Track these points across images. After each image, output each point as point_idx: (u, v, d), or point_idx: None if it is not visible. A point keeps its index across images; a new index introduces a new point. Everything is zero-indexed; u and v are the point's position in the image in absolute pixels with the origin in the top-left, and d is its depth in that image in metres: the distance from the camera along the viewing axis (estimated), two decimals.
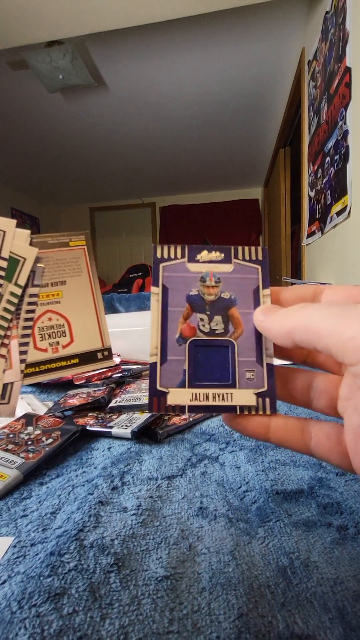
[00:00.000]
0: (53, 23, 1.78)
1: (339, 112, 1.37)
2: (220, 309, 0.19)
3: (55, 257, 0.26)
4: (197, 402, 0.18)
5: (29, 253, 0.21)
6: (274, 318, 0.17)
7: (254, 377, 0.18)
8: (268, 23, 1.93)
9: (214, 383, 0.18)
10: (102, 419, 0.41)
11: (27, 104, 2.63)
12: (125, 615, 0.17)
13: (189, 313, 0.19)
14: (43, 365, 0.25)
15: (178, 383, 0.18)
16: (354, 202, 1.27)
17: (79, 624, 0.17)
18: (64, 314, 0.26)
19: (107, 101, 2.64)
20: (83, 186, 4.37)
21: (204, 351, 0.19)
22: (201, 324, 0.19)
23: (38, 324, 0.25)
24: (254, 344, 0.19)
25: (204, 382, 0.18)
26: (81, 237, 0.27)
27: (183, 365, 0.18)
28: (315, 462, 0.31)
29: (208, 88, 2.50)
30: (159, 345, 0.18)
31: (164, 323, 0.19)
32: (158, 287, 0.19)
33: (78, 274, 0.26)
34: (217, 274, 0.19)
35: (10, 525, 0.25)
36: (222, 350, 0.19)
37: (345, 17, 1.30)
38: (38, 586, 0.18)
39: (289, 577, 0.20)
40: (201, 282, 0.19)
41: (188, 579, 0.19)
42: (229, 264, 0.20)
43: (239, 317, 0.19)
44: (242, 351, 0.19)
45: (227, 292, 0.19)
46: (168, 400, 0.18)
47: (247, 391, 0.18)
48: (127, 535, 0.23)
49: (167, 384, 0.18)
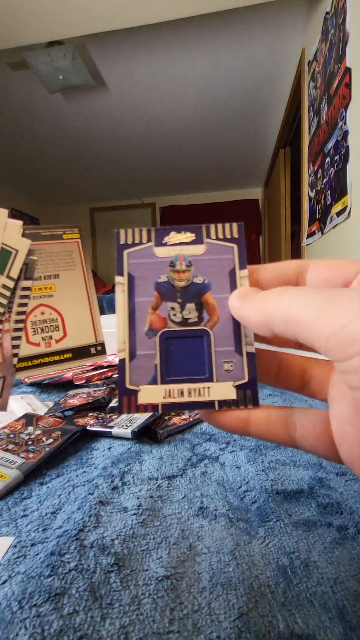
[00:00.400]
0: (53, 23, 1.78)
1: (339, 112, 1.37)
2: (192, 295, 0.17)
3: (49, 250, 0.25)
4: (171, 399, 0.17)
5: (21, 245, 0.20)
6: (249, 305, 0.15)
7: (232, 368, 0.17)
8: (268, 23, 1.93)
9: (189, 377, 0.17)
10: (103, 419, 0.41)
11: (28, 104, 2.63)
12: (126, 615, 0.17)
13: (158, 302, 0.17)
14: (36, 359, 0.25)
15: (149, 380, 0.17)
16: (354, 202, 1.27)
17: (80, 624, 0.17)
18: (57, 308, 0.25)
19: (107, 101, 2.64)
20: (83, 186, 4.36)
21: (177, 343, 0.17)
22: (172, 314, 0.17)
23: (30, 318, 0.24)
24: (232, 332, 0.17)
25: (177, 377, 0.17)
26: (75, 229, 0.27)
27: (154, 359, 0.17)
28: (316, 462, 0.31)
29: (208, 88, 2.50)
30: (127, 339, 0.17)
31: (132, 315, 0.17)
32: (123, 276, 0.17)
33: (72, 268, 0.26)
34: (188, 257, 0.18)
35: (10, 525, 0.25)
36: (196, 341, 0.17)
37: (345, 18, 1.30)
38: (38, 586, 0.18)
39: (289, 576, 0.20)
40: (170, 267, 0.18)
41: (188, 579, 0.20)
42: (201, 245, 0.18)
43: (214, 303, 0.17)
44: (219, 340, 0.17)
45: (200, 276, 0.17)
46: (139, 399, 0.17)
47: (225, 384, 0.17)
48: (127, 535, 0.23)
49: (138, 382, 0.17)
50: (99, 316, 0.27)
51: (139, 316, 0.17)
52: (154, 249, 0.18)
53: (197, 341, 0.17)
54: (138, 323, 0.17)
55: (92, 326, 0.26)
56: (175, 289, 0.17)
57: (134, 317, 0.17)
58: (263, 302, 0.15)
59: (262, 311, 0.14)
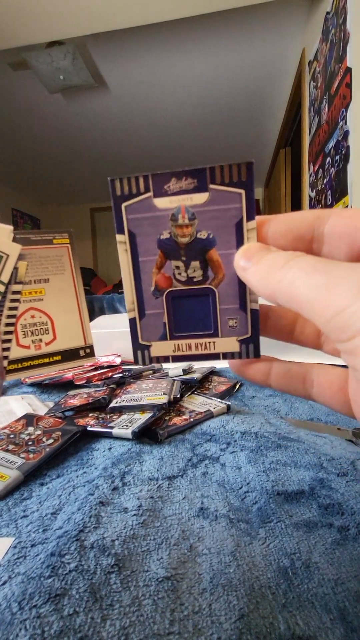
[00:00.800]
0: (54, 23, 1.79)
1: (340, 112, 1.37)
2: (197, 252, 0.17)
3: (39, 255, 0.26)
4: (180, 352, 0.18)
5: (12, 249, 0.21)
6: (256, 271, 0.15)
7: (237, 325, 0.17)
8: (269, 23, 1.93)
9: (196, 333, 0.18)
10: (103, 419, 0.41)
11: (28, 104, 2.64)
12: (126, 616, 0.17)
13: (162, 261, 0.17)
14: (26, 362, 0.25)
15: (159, 336, 0.18)
16: (354, 202, 1.26)
17: (80, 625, 0.17)
18: (47, 312, 0.26)
19: (107, 101, 2.64)
20: (84, 186, 4.37)
21: (183, 302, 0.17)
22: (177, 273, 0.17)
23: (21, 321, 0.25)
24: (237, 290, 0.17)
25: (185, 333, 0.18)
26: (65, 235, 0.27)
27: (162, 318, 0.17)
28: (316, 463, 0.31)
29: (208, 88, 2.50)
30: (135, 300, 0.17)
31: (137, 276, 0.17)
32: (124, 234, 0.17)
33: (61, 272, 0.26)
34: (191, 208, 0.16)
35: (10, 526, 0.25)
36: (202, 300, 0.17)
37: (345, 18, 1.30)
38: (38, 587, 0.18)
39: (290, 577, 0.20)
40: (172, 221, 0.16)
41: (189, 580, 0.19)
42: (204, 193, 0.16)
43: (219, 260, 0.17)
44: (224, 298, 0.17)
45: (205, 230, 0.16)
46: (152, 352, 0.18)
47: (230, 339, 0.17)
48: (127, 536, 0.23)
49: (149, 338, 0.18)
50: (88, 319, 0.27)
51: (145, 276, 0.17)
52: (153, 200, 0.16)
53: (202, 300, 0.17)
54: (144, 283, 0.17)
55: (81, 329, 0.27)
56: (178, 245, 0.17)
57: (139, 278, 0.17)
58: (268, 272, 0.14)
59: (267, 282, 0.14)
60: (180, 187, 0.16)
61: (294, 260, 0.13)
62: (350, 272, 0.12)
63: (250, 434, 0.37)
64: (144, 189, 0.16)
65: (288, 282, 0.13)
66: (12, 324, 0.21)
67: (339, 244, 0.15)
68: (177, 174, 0.16)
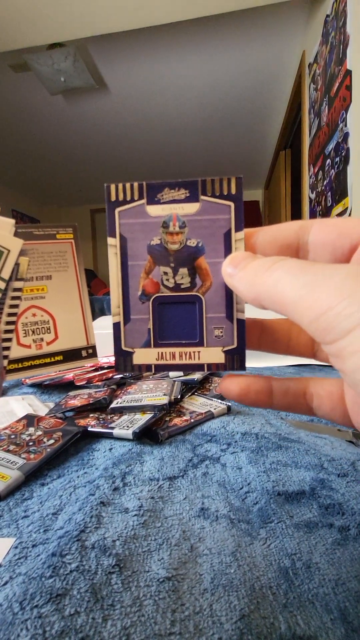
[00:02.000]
0: (55, 25, 1.79)
1: (340, 114, 1.37)
2: (185, 259, 0.17)
3: (41, 250, 0.25)
4: (163, 361, 0.17)
5: (13, 244, 0.20)
6: (243, 276, 0.15)
7: (222, 335, 0.17)
8: (269, 26, 1.93)
9: (181, 342, 0.17)
10: (104, 419, 0.41)
11: (29, 106, 2.64)
12: (127, 616, 0.17)
13: (151, 266, 0.17)
14: (26, 361, 0.24)
15: (143, 343, 0.17)
16: (354, 204, 1.27)
17: (81, 625, 0.17)
18: (49, 310, 0.25)
19: (108, 103, 2.65)
20: (84, 188, 4.37)
21: (169, 309, 0.17)
22: (165, 279, 0.17)
23: (22, 320, 0.24)
24: (224, 298, 0.17)
25: (170, 341, 0.17)
26: (69, 229, 0.26)
27: (147, 324, 0.17)
28: (317, 464, 0.31)
29: (209, 90, 2.51)
30: (121, 304, 0.17)
31: (125, 279, 0.17)
32: (115, 237, 0.17)
33: (64, 269, 0.25)
34: (182, 217, 0.17)
35: (11, 526, 0.25)
36: (188, 307, 0.17)
37: (345, 21, 1.31)
38: (39, 587, 0.18)
39: (291, 578, 0.20)
40: (163, 228, 0.17)
41: (190, 580, 0.19)
42: (195, 203, 0.17)
43: (207, 268, 0.17)
44: (211, 307, 0.17)
45: (194, 238, 0.17)
46: (134, 359, 0.17)
47: (215, 349, 0.17)
48: (128, 536, 0.23)
49: (132, 344, 0.17)
50: (91, 318, 0.27)
51: (132, 280, 0.17)
52: (146, 207, 0.17)
53: (189, 307, 0.17)
54: (131, 288, 0.17)
55: (83, 329, 0.26)
56: (168, 252, 0.17)
57: (127, 282, 0.17)
58: (254, 275, 0.14)
59: (252, 286, 0.14)
60: (173, 197, 0.17)
61: (279, 262, 0.13)
62: (334, 272, 0.12)
63: (251, 434, 0.37)
64: (138, 196, 0.17)
65: (273, 284, 0.13)
66: (13, 322, 0.21)
67: (323, 251, 0.15)
68: (170, 185, 0.17)
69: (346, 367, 0.11)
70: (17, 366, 0.23)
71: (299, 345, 0.18)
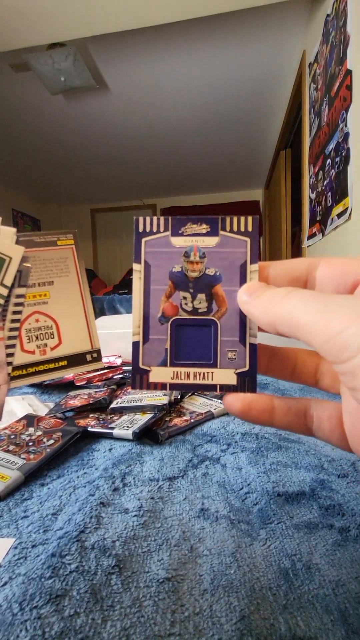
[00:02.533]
0: (55, 25, 1.79)
1: (340, 114, 1.37)
2: (204, 286, 0.19)
3: (42, 257, 0.25)
4: (178, 380, 0.18)
5: (15, 252, 0.20)
6: (258, 303, 0.16)
7: (235, 357, 0.18)
8: (269, 26, 1.93)
9: (196, 362, 0.18)
10: (104, 420, 0.41)
11: (29, 105, 2.64)
12: (127, 617, 0.17)
13: (171, 291, 0.19)
14: (30, 367, 0.25)
15: (160, 362, 0.18)
16: (354, 204, 1.27)
17: (80, 626, 0.17)
18: (52, 315, 0.25)
19: (108, 103, 2.65)
20: (84, 187, 4.37)
21: (186, 330, 0.18)
22: (184, 303, 0.19)
23: (25, 326, 0.24)
24: (238, 324, 0.18)
25: (185, 361, 0.18)
26: (69, 235, 0.27)
27: (165, 344, 0.18)
28: (317, 464, 0.31)
29: (209, 90, 2.51)
30: (142, 324, 0.18)
31: (147, 301, 0.18)
32: (140, 264, 0.19)
33: (66, 274, 0.26)
34: (202, 248, 0.19)
35: (11, 527, 0.25)
36: (204, 330, 0.18)
37: (346, 20, 1.30)
38: (39, 588, 0.18)
39: (291, 579, 0.20)
40: (185, 257, 0.19)
41: (189, 581, 0.19)
42: (215, 237, 0.19)
43: (223, 295, 0.18)
44: (225, 331, 0.18)
45: (212, 268, 0.18)
46: (150, 377, 0.18)
47: (227, 371, 0.18)
48: (128, 537, 0.22)
49: (150, 363, 0.18)
50: (95, 322, 0.27)
51: (153, 303, 0.18)
52: (170, 238, 0.19)
53: (205, 330, 0.18)
54: (152, 309, 0.18)
55: (87, 333, 0.26)
56: (188, 279, 0.19)
57: (148, 304, 0.18)
58: (269, 303, 0.15)
59: (268, 312, 0.15)
60: (195, 231, 0.19)
61: (294, 292, 0.15)
62: (345, 300, 0.13)
63: (251, 435, 0.37)
64: (164, 228, 0.19)
65: (289, 310, 0.14)
66: (17, 328, 0.21)
67: (328, 286, 0.17)
68: (193, 220, 0.19)
69: (357, 384, 0.12)
70: (21, 372, 0.23)
71: (303, 373, 0.19)
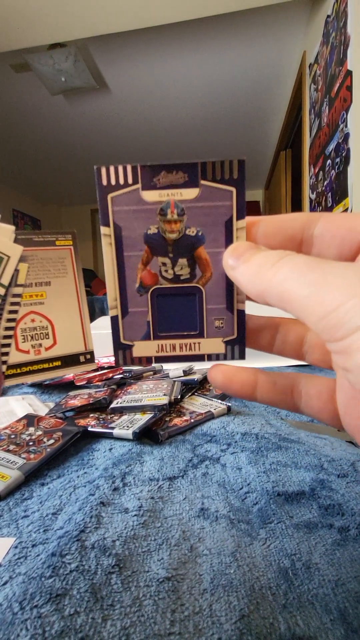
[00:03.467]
0: (56, 26, 1.79)
1: (340, 115, 1.37)
2: (184, 249, 0.16)
3: (40, 256, 0.25)
4: (163, 353, 0.17)
5: (13, 251, 0.20)
6: (245, 270, 0.14)
7: (223, 325, 0.17)
8: (270, 26, 1.93)
9: (181, 333, 0.17)
10: (104, 419, 0.41)
11: (30, 106, 2.64)
12: (127, 616, 0.17)
13: (148, 257, 0.16)
14: (25, 367, 0.25)
15: (142, 335, 0.17)
16: (355, 204, 1.27)
17: (81, 625, 0.17)
18: (48, 316, 0.25)
19: (108, 103, 2.65)
20: (84, 187, 4.38)
21: (168, 300, 0.16)
22: (163, 269, 0.16)
23: (21, 325, 0.24)
24: (224, 289, 0.16)
25: (169, 333, 0.17)
26: (68, 236, 0.26)
27: (146, 317, 0.17)
28: (317, 464, 0.31)
29: (209, 90, 2.51)
30: (118, 296, 0.16)
31: (121, 271, 0.16)
32: (109, 226, 0.16)
33: (63, 275, 0.26)
34: (181, 203, 0.16)
35: (11, 526, 0.25)
36: (188, 299, 0.16)
37: (346, 21, 1.31)
38: (39, 587, 0.18)
39: (291, 578, 0.20)
40: (161, 216, 0.16)
41: (189, 581, 0.19)
42: (195, 188, 0.16)
43: (207, 259, 0.16)
44: (211, 298, 0.16)
45: (193, 226, 0.16)
46: (134, 352, 0.17)
47: (215, 340, 0.17)
48: (128, 536, 0.23)
49: (132, 337, 0.17)
50: (89, 324, 0.27)
51: (129, 272, 0.16)
52: (141, 192, 0.16)
53: (188, 299, 0.17)
54: (128, 279, 0.16)
55: (82, 334, 0.26)
56: (166, 241, 0.16)
57: (123, 273, 0.16)
58: (258, 271, 0.13)
59: (256, 281, 0.13)
60: (170, 181, 0.15)
61: (286, 258, 0.13)
62: (344, 270, 0.11)
63: (251, 435, 0.37)
64: (132, 180, 0.15)
65: (279, 281, 0.12)
66: (12, 327, 0.21)
67: (329, 246, 0.14)
68: (167, 167, 0.15)
69: (351, 364, 0.11)
70: (15, 371, 0.23)
71: (286, 344, 0.17)
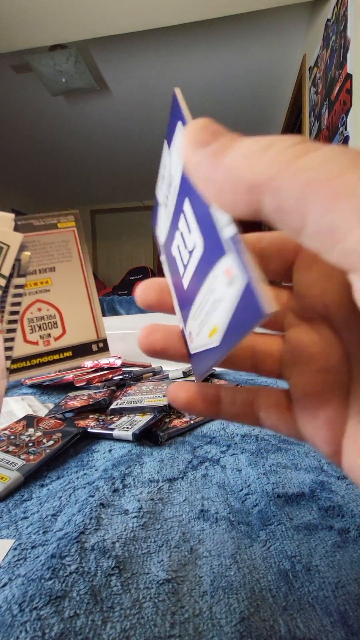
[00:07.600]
0: (57, 27, 1.80)
1: (340, 118, 1.38)
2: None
3: (43, 241, 0.23)
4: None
5: (13, 239, 0.19)
6: (220, 165, 0.09)
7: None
8: (270, 30, 1.94)
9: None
10: (103, 421, 0.41)
11: (30, 106, 2.65)
12: (127, 618, 0.17)
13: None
14: (34, 359, 0.23)
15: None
16: None
17: (80, 627, 0.17)
18: (55, 304, 0.24)
19: (109, 104, 2.66)
20: (84, 188, 4.38)
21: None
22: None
23: (27, 315, 0.23)
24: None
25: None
26: (70, 217, 0.25)
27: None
28: (317, 466, 0.31)
29: (210, 93, 2.52)
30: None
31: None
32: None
33: (68, 259, 0.24)
34: None
35: (10, 528, 0.25)
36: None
37: (346, 25, 1.31)
38: (39, 589, 0.18)
39: (291, 580, 0.20)
40: None
41: (189, 583, 0.19)
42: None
43: None
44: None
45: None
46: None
47: None
48: (128, 538, 0.22)
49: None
50: (100, 310, 0.25)
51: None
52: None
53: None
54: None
55: (92, 321, 0.25)
56: None
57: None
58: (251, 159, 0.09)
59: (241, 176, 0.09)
60: None
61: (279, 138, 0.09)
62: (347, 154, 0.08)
63: (251, 436, 0.37)
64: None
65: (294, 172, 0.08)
66: (16, 320, 0.20)
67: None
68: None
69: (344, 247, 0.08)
70: (25, 364, 0.22)
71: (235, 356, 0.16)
